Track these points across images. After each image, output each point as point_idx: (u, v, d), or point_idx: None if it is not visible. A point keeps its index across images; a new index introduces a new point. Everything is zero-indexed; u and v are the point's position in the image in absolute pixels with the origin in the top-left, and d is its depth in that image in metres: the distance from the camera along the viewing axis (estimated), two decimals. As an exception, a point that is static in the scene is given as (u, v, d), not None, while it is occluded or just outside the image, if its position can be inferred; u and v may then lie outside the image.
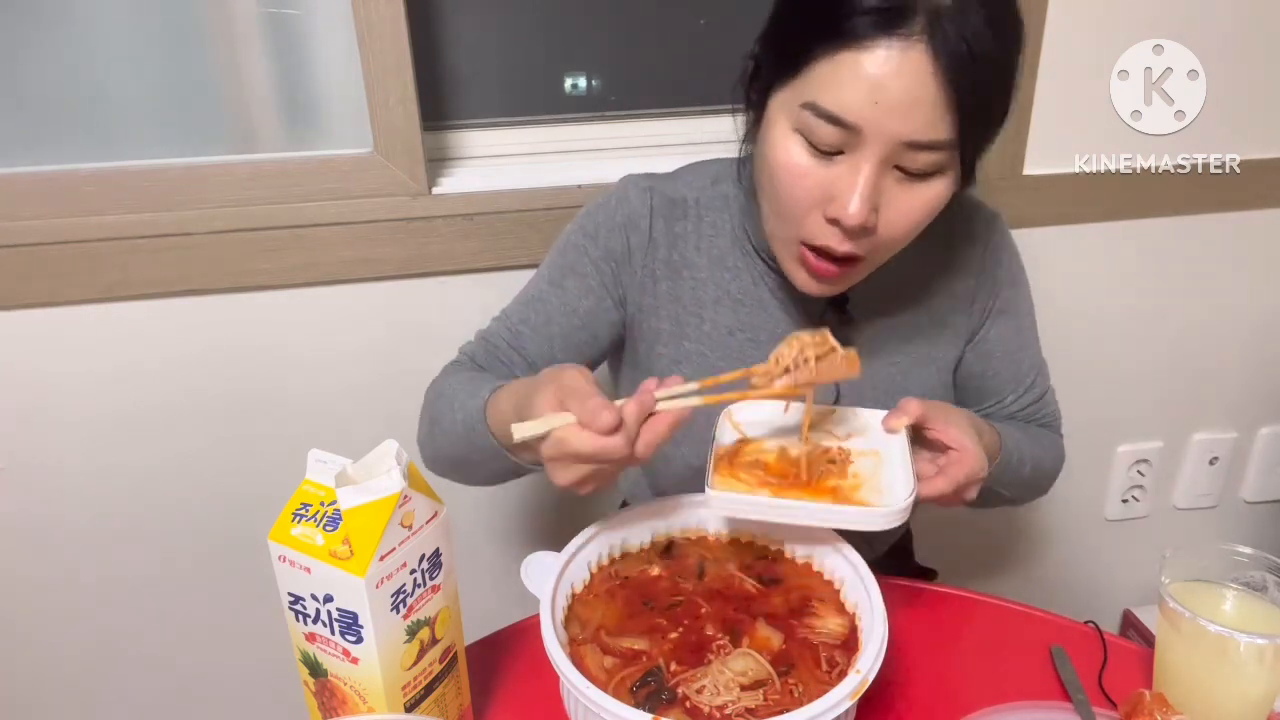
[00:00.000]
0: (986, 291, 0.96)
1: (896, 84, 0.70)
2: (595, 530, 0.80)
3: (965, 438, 0.79)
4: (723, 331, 0.93)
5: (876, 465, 0.79)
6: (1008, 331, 0.98)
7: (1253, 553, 0.75)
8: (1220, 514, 1.66)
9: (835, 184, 0.75)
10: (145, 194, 1.08)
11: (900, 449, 0.79)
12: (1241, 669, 0.69)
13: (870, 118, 0.71)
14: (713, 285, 0.93)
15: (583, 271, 0.93)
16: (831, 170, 0.75)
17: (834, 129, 0.73)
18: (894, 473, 0.78)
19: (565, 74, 1.25)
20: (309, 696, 0.70)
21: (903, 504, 0.73)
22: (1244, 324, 1.50)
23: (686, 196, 0.93)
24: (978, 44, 0.69)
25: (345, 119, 1.13)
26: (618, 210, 0.93)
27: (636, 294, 0.94)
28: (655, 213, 0.92)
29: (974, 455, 0.79)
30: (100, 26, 1.06)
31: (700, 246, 0.93)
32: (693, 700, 0.67)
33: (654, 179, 0.95)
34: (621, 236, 0.92)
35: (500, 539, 1.36)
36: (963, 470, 0.78)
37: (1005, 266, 0.97)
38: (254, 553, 0.75)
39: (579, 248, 0.94)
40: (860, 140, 0.73)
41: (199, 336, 1.15)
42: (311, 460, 0.64)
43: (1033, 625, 0.87)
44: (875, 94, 0.70)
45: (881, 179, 0.75)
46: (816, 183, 0.76)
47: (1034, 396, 1.01)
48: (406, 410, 1.24)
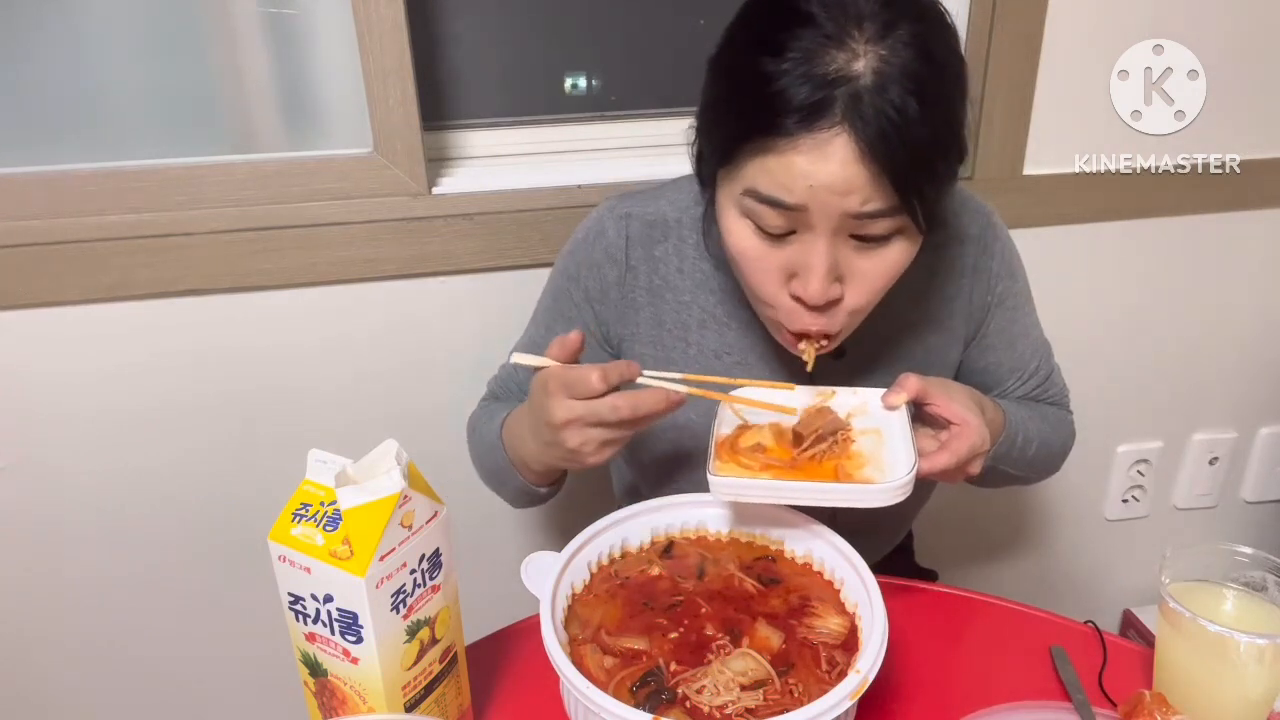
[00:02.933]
0: (982, 289, 0.96)
1: (824, 170, 0.70)
2: (595, 530, 0.80)
3: (967, 412, 0.80)
4: (709, 355, 0.93)
5: (878, 443, 0.79)
6: (1005, 323, 0.98)
7: (1253, 553, 0.75)
8: (1220, 514, 1.66)
9: (793, 263, 0.76)
10: (145, 194, 1.08)
11: (901, 426, 0.80)
12: (1241, 669, 0.69)
13: (809, 197, 0.72)
14: (696, 308, 0.93)
15: (569, 315, 0.96)
16: (787, 250, 0.76)
17: (777, 212, 0.74)
18: (895, 449, 0.78)
19: (565, 74, 1.25)
20: (309, 696, 0.70)
21: (904, 479, 0.73)
22: (1244, 324, 1.50)
23: (668, 216, 0.93)
24: (903, 115, 0.69)
25: (345, 119, 1.13)
26: (595, 246, 0.94)
27: (618, 326, 0.95)
28: (632, 242, 0.92)
29: (975, 428, 0.79)
30: (100, 26, 1.06)
31: (683, 269, 0.93)
32: (693, 700, 0.67)
33: (632, 202, 0.94)
34: (598, 275, 0.93)
35: (500, 539, 1.36)
36: (965, 443, 0.79)
37: (999, 260, 0.96)
38: (254, 553, 0.75)
39: (564, 290, 0.96)
40: (807, 218, 0.73)
41: (199, 336, 1.15)
42: (311, 460, 0.64)
43: (1033, 625, 0.87)
44: (807, 180, 0.71)
45: (838, 250, 0.75)
46: (776, 263, 0.77)
47: (1039, 380, 1.02)
48: (406, 410, 1.25)
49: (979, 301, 0.96)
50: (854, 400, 0.84)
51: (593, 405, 0.75)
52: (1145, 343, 1.48)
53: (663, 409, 0.75)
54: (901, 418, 0.80)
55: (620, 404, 0.74)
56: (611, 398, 0.74)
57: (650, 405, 0.74)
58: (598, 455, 0.78)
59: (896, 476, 0.74)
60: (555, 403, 0.76)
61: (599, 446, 0.77)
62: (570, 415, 0.75)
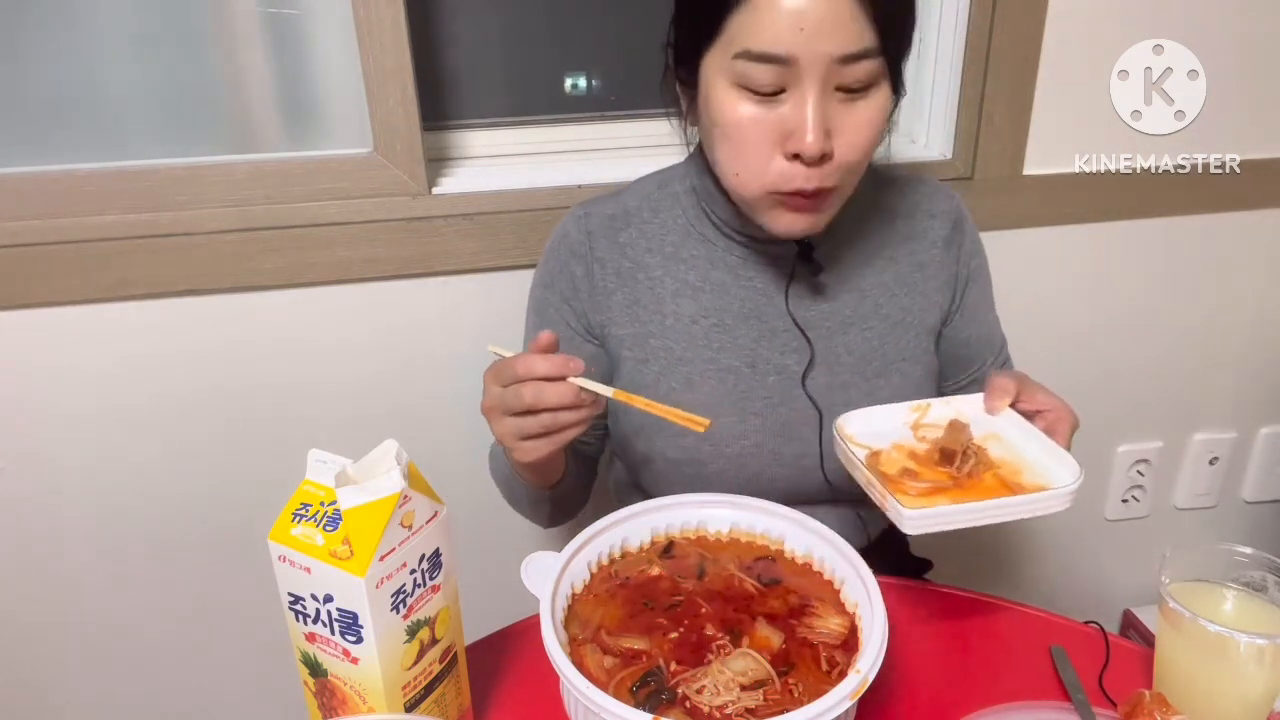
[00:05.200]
0: (956, 260, 1.00)
1: (814, 9, 0.74)
2: (595, 530, 0.80)
3: (1051, 397, 0.84)
4: (685, 321, 0.95)
5: (1008, 447, 0.82)
6: (977, 297, 1.03)
7: (1253, 553, 0.75)
8: (1220, 514, 1.66)
9: (786, 122, 0.79)
10: (145, 194, 1.08)
11: (1019, 426, 0.83)
12: (1241, 669, 0.69)
13: (800, 44, 0.75)
14: (669, 279, 0.95)
15: (551, 320, 0.98)
16: (779, 110, 0.79)
17: (770, 67, 0.77)
18: (1031, 450, 0.81)
19: (565, 74, 1.25)
20: (309, 696, 0.70)
21: (1079, 477, 0.75)
22: (1244, 324, 1.50)
23: (629, 207, 0.97)
24: None
25: (345, 119, 1.13)
26: (559, 248, 0.98)
27: (595, 315, 0.97)
28: (594, 235, 0.96)
29: (1066, 409, 0.84)
30: (100, 26, 1.06)
31: (651, 247, 0.96)
32: (693, 700, 0.67)
33: (591, 203, 0.99)
34: (567, 273, 0.97)
35: (500, 539, 1.35)
36: (1067, 425, 0.83)
37: (970, 238, 1.01)
38: (254, 553, 0.75)
39: (543, 300, 0.99)
40: (797, 71, 0.76)
41: (199, 336, 1.15)
42: (311, 460, 0.64)
43: (1033, 625, 0.87)
44: (799, 21, 0.74)
45: (827, 105, 0.78)
46: (769, 126, 0.79)
47: (1002, 360, 1.07)
48: (407, 410, 1.25)
49: (956, 272, 1.00)
50: (948, 410, 0.86)
51: (504, 392, 0.77)
52: (1145, 343, 1.48)
53: (569, 403, 0.76)
54: (1012, 417, 0.83)
55: (525, 391, 0.75)
56: (518, 385, 0.76)
57: (555, 398, 0.75)
58: (521, 449, 0.80)
59: (1066, 476, 0.76)
60: (485, 389, 0.79)
61: (516, 438, 0.79)
62: (489, 401, 0.79)
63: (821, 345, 0.94)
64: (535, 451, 0.79)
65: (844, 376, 0.95)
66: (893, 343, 0.97)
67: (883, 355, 0.96)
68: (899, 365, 0.97)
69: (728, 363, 0.94)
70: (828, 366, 0.95)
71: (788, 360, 0.94)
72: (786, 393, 0.95)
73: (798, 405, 0.95)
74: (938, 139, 1.31)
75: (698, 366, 0.94)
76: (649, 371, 0.95)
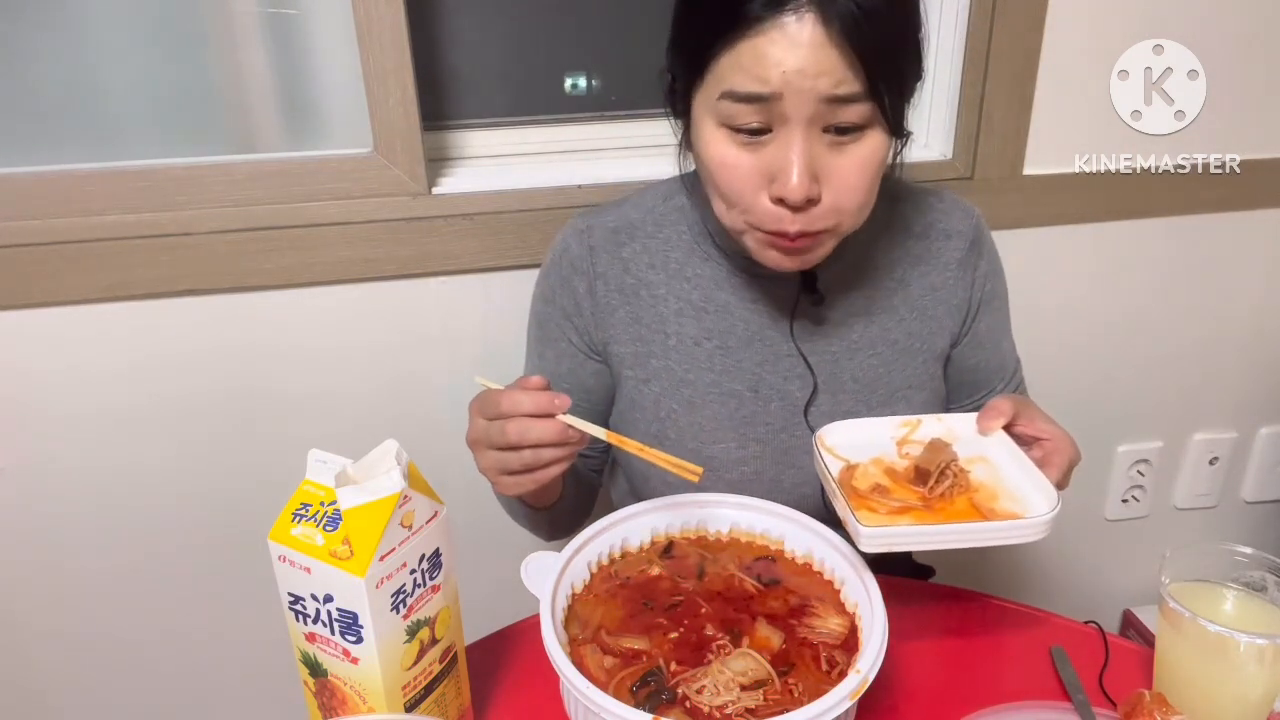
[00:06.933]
0: (969, 283, 0.97)
1: (795, 56, 0.72)
2: (595, 530, 0.80)
3: (1053, 426, 0.81)
4: (689, 343, 0.93)
5: (992, 471, 0.80)
6: (992, 322, 1.00)
7: (1253, 553, 0.75)
8: (1220, 514, 1.66)
9: (771, 164, 0.77)
10: (145, 194, 1.08)
11: (1008, 450, 0.80)
12: (1241, 669, 0.69)
13: (783, 84, 0.73)
14: (673, 298, 0.93)
15: (554, 337, 0.97)
16: (765, 153, 0.77)
17: (754, 107, 0.75)
18: (1014, 476, 0.78)
19: (565, 74, 1.25)
20: (309, 696, 0.70)
21: (1055, 508, 0.73)
22: (1244, 324, 1.50)
23: (632, 220, 0.95)
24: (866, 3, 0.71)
25: (345, 119, 1.13)
26: (561, 263, 0.96)
27: (598, 332, 0.95)
28: (596, 250, 0.94)
29: (1067, 440, 0.81)
30: (100, 26, 1.06)
31: (654, 263, 0.94)
32: (693, 700, 0.67)
33: (593, 216, 0.96)
34: (569, 289, 0.95)
35: (500, 539, 1.35)
36: (1064, 457, 0.80)
37: (988, 260, 0.98)
38: (254, 553, 0.75)
39: (545, 315, 0.98)
40: (782, 110, 0.74)
41: (199, 336, 1.15)
42: (311, 460, 0.64)
43: (1033, 625, 0.87)
44: (780, 66, 0.72)
45: (814, 146, 0.76)
46: (754, 168, 0.78)
47: (1016, 384, 1.04)
48: (407, 410, 1.25)
49: (969, 296, 0.97)
50: (940, 428, 0.84)
51: (489, 425, 0.75)
52: (1145, 343, 1.48)
53: (551, 440, 0.73)
54: (1003, 441, 0.81)
55: (510, 428, 0.73)
56: (503, 421, 0.74)
57: (539, 434, 0.73)
58: (503, 484, 0.78)
59: (1042, 507, 0.74)
60: (470, 421, 0.78)
61: (499, 473, 0.77)
62: (474, 434, 0.78)
63: (825, 372, 0.93)
64: (518, 487, 0.77)
65: (848, 404, 0.93)
66: (899, 369, 0.95)
67: (888, 383, 0.94)
68: (904, 393, 0.95)
69: (730, 387, 0.93)
70: (831, 394, 0.93)
71: (791, 386, 0.93)
72: (789, 420, 0.93)
73: (799, 433, 0.93)
74: (938, 139, 1.31)
75: (700, 389, 0.93)
76: (650, 392, 0.94)
